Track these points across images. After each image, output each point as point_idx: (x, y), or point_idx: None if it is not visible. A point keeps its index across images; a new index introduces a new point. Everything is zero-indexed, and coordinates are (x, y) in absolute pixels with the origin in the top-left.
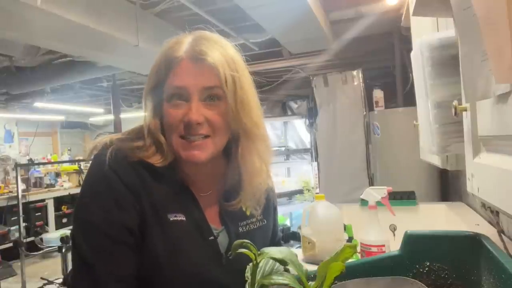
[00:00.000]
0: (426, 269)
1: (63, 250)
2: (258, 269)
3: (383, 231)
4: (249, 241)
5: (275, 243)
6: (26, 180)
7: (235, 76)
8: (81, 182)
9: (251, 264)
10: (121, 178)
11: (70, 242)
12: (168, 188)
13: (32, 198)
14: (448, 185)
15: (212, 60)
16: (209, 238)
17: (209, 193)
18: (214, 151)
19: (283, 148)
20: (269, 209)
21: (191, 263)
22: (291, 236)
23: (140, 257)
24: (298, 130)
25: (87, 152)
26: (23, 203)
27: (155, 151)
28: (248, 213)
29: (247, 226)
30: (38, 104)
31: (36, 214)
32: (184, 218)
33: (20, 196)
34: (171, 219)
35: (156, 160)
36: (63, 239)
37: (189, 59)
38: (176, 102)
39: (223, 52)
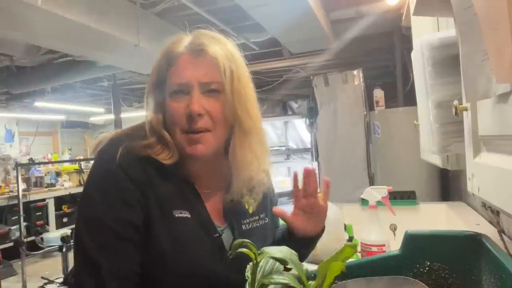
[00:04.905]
0: (427, 268)
1: (64, 250)
2: (258, 269)
3: (383, 231)
4: (249, 241)
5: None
6: (26, 180)
7: (233, 69)
8: (82, 182)
9: (251, 263)
10: (128, 174)
11: (72, 238)
12: (174, 185)
13: (32, 197)
14: (448, 185)
15: (212, 52)
16: (214, 236)
17: (212, 190)
18: (216, 145)
19: (283, 148)
20: (270, 206)
21: (195, 259)
22: None
23: (144, 254)
24: (299, 130)
25: (92, 148)
26: (23, 203)
27: (163, 148)
28: (250, 211)
29: (250, 224)
30: (38, 103)
31: (37, 213)
32: (189, 215)
33: (20, 196)
34: (176, 215)
35: (164, 157)
36: (63, 239)
37: (189, 53)
38: (177, 96)
39: (222, 46)
